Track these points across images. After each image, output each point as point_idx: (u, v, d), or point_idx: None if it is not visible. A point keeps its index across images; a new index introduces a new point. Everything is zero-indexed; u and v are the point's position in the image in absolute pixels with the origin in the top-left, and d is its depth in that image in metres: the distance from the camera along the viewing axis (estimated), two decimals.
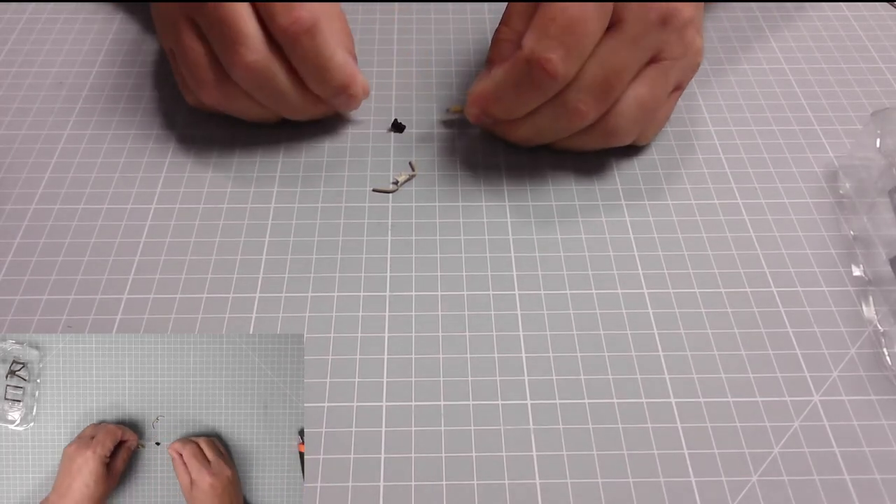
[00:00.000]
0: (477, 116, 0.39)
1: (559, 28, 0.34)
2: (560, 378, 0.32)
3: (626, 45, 0.35)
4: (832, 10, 0.51)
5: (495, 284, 0.35)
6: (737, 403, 0.32)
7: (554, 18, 0.35)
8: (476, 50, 0.47)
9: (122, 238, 0.37)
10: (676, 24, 0.36)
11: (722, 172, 0.40)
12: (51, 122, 0.43)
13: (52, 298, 0.35)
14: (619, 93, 0.36)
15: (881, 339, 0.34)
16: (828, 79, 0.46)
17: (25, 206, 0.39)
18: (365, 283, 0.35)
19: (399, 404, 0.32)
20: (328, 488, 0.29)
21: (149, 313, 0.34)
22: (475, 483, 0.29)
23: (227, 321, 0.34)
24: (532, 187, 0.40)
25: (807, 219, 0.38)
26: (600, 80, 0.35)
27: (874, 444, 0.31)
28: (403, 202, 0.39)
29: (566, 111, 0.36)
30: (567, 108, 0.36)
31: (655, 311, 0.34)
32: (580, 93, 0.36)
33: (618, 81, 0.36)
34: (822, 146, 0.42)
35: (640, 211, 0.39)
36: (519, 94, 0.37)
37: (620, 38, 0.35)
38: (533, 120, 0.38)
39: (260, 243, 0.37)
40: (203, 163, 0.41)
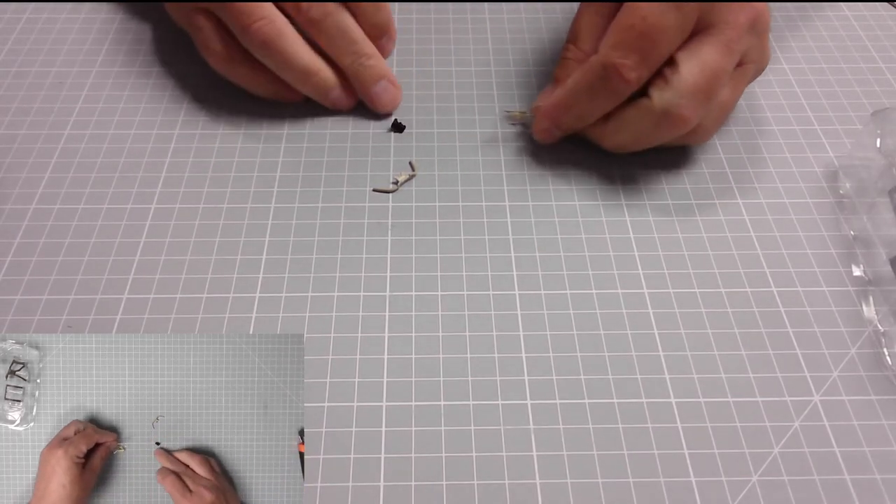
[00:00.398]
0: (547, 130, 0.40)
1: (637, 35, 0.35)
2: (560, 378, 0.32)
3: (721, 49, 0.36)
4: (832, 10, 0.51)
5: (495, 284, 0.35)
6: (737, 403, 0.32)
7: (633, 26, 0.35)
8: (476, 50, 0.47)
9: (122, 238, 0.37)
10: (760, 29, 0.37)
11: (722, 172, 0.40)
12: (51, 122, 0.43)
13: (52, 298, 0.35)
14: (718, 96, 0.37)
15: (881, 339, 0.34)
16: (828, 79, 0.46)
17: (25, 206, 0.39)
18: (365, 283, 0.35)
19: (399, 404, 0.32)
20: (328, 488, 0.29)
21: (149, 313, 0.34)
22: (475, 483, 0.29)
23: (227, 321, 0.34)
24: (532, 187, 0.40)
25: (807, 219, 0.38)
26: (701, 85, 0.36)
27: (874, 444, 0.31)
28: (403, 202, 0.39)
29: (669, 118, 0.36)
30: (670, 115, 0.36)
31: (655, 311, 0.34)
32: (682, 98, 0.36)
33: (717, 85, 0.36)
34: (822, 146, 0.42)
35: (640, 211, 0.39)
36: (591, 100, 0.37)
37: (715, 43, 0.36)
38: (631, 127, 0.38)
39: (260, 243, 0.37)
40: (203, 162, 0.41)
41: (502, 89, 0.45)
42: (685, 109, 0.36)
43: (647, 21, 0.35)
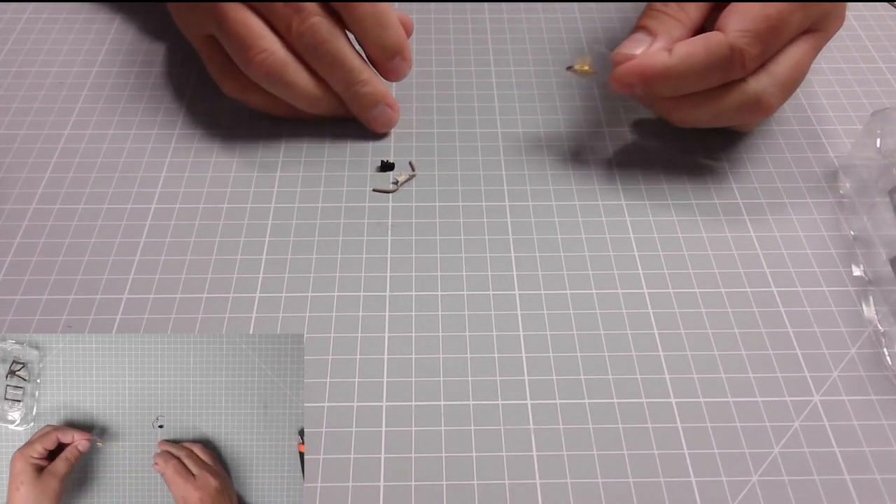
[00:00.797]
0: (630, 86, 0.38)
1: (769, 27, 0.36)
2: (560, 378, 0.32)
3: (814, 51, 0.38)
4: None
5: (495, 284, 0.35)
6: (737, 403, 0.32)
7: (768, 17, 0.36)
8: (476, 50, 0.47)
9: (122, 238, 0.37)
10: None
11: (722, 173, 0.40)
12: (51, 122, 0.43)
13: (52, 298, 0.35)
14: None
15: (881, 339, 0.34)
16: (828, 79, 0.46)
17: (25, 206, 0.39)
18: (365, 283, 0.35)
19: (399, 404, 0.32)
20: (328, 488, 0.29)
21: (149, 313, 0.34)
22: (475, 483, 0.29)
23: (227, 321, 0.34)
24: (532, 187, 0.40)
25: (807, 219, 0.38)
26: (791, 78, 0.37)
27: (874, 444, 0.31)
28: (403, 202, 0.39)
29: (757, 103, 0.37)
30: (760, 102, 0.37)
31: (655, 311, 0.34)
32: (774, 88, 0.37)
33: (802, 79, 0.38)
34: (822, 146, 0.42)
35: (640, 211, 0.39)
36: (703, 76, 0.37)
37: (812, 44, 0.38)
38: (715, 106, 0.38)
39: (260, 243, 0.37)
40: (203, 162, 0.41)
41: (502, 89, 0.45)
42: (774, 98, 0.37)
43: (781, 16, 0.36)
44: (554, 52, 0.47)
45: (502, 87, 0.45)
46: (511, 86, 0.45)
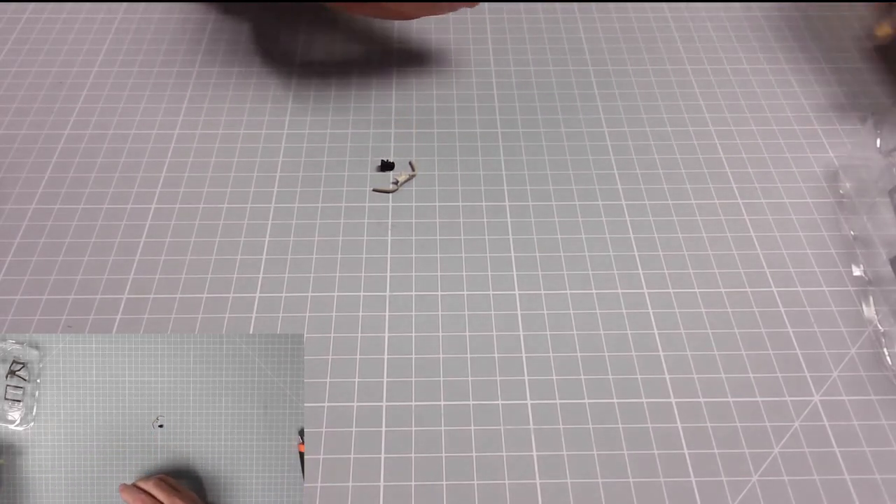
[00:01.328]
0: None
1: None
2: (560, 378, 0.32)
3: None
4: (832, 10, 0.51)
5: (495, 284, 0.35)
6: (737, 403, 0.32)
7: None
8: (476, 50, 0.47)
9: (122, 238, 0.37)
10: None
11: (722, 172, 0.40)
12: (51, 122, 0.43)
13: (52, 298, 0.35)
14: None
15: (881, 339, 0.34)
16: (828, 79, 0.46)
17: (25, 206, 0.39)
18: (365, 283, 0.35)
19: (399, 404, 0.32)
20: (328, 488, 0.29)
21: (149, 313, 0.34)
22: (475, 483, 0.29)
23: (227, 321, 0.34)
24: (532, 187, 0.40)
25: (807, 219, 0.38)
26: None
27: (874, 444, 0.31)
28: (403, 202, 0.39)
29: None
30: None
31: (655, 311, 0.35)
32: None
33: None
34: (822, 146, 0.42)
35: (640, 211, 0.39)
36: None
37: None
38: None
39: (260, 243, 0.37)
40: (203, 162, 0.41)
41: (502, 89, 0.45)
42: None
43: None
44: (554, 52, 0.47)
45: (502, 87, 0.45)
46: (511, 86, 0.45)
